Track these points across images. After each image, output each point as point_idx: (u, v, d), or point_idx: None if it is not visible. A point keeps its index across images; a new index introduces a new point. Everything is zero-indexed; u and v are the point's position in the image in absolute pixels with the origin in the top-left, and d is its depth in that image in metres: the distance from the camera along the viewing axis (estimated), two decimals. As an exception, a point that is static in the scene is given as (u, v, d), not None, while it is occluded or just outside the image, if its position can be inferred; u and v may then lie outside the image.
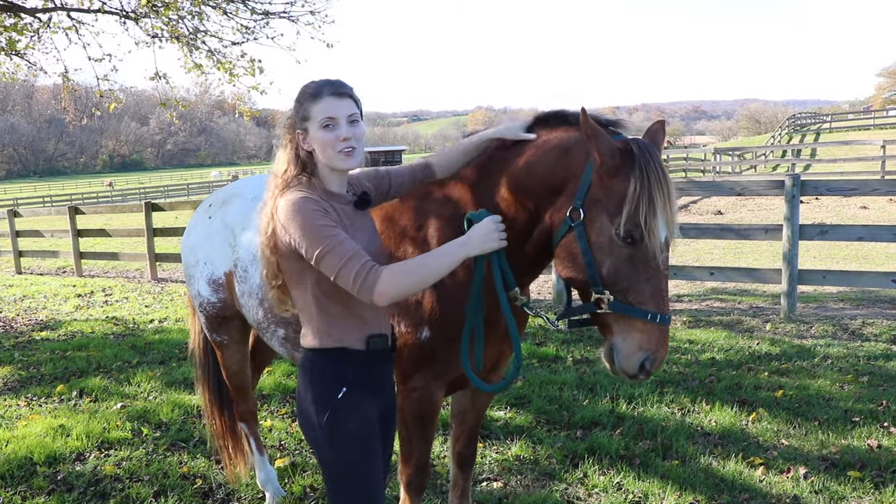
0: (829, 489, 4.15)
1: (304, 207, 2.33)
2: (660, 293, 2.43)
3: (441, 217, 2.94)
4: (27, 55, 11.21)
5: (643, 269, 2.43)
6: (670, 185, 2.43)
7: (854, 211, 19.06)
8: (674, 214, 2.45)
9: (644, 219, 2.38)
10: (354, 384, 2.45)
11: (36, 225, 23.52)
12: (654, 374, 2.52)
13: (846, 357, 6.57)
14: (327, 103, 2.41)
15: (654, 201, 2.38)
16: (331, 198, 2.46)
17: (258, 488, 4.35)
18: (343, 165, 2.43)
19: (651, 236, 2.39)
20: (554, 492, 4.23)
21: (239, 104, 14.71)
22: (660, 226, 2.41)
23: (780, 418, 5.20)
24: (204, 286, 3.91)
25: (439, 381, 3.03)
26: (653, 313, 2.40)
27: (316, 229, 2.30)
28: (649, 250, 2.41)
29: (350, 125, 2.42)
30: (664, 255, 2.46)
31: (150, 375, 6.80)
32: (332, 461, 2.48)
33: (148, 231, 13.85)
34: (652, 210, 2.38)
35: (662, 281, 2.45)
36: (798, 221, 8.21)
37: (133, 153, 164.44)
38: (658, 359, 2.43)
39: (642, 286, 2.43)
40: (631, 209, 2.39)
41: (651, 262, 2.42)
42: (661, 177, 2.41)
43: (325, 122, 2.40)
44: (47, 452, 4.91)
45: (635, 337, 2.44)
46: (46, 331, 9.33)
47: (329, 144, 2.40)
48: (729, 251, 14.00)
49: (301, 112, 2.46)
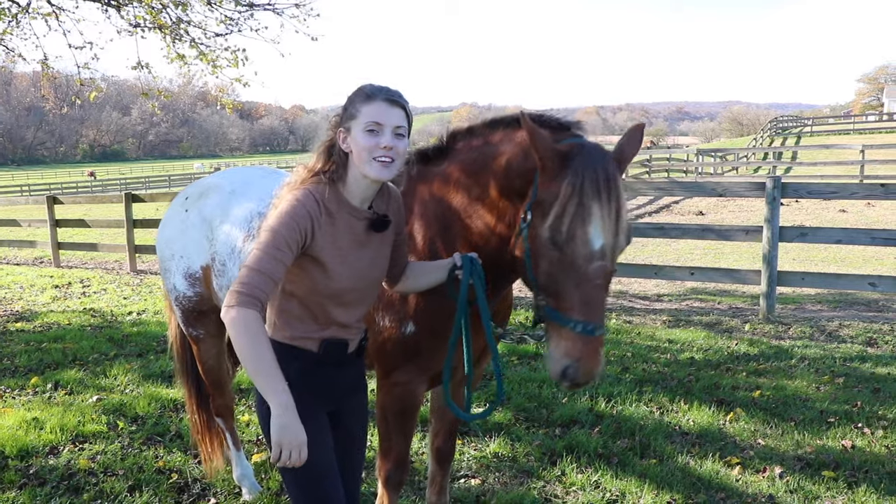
0: (803, 489, 4.18)
1: (295, 211, 2.31)
2: (589, 303, 2.32)
3: (425, 217, 2.94)
4: (5, 41, 11.05)
5: (572, 276, 2.33)
6: (612, 192, 2.31)
7: (833, 214, 19.23)
8: (614, 222, 2.31)
9: (569, 224, 2.30)
10: (296, 383, 2.38)
11: (13, 214, 23.22)
12: (589, 384, 2.37)
13: (823, 358, 6.63)
14: (378, 107, 2.35)
15: (585, 206, 2.29)
16: (344, 209, 2.42)
17: (234, 483, 4.32)
18: (375, 174, 2.35)
19: (576, 242, 2.30)
20: (531, 489, 4.23)
21: (222, 96, 14.60)
22: (591, 232, 2.30)
23: (757, 418, 5.23)
24: (180, 280, 3.87)
25: (423, 376, 3.02)
26: (576, 322, 2.31)
27: (274, 232, 2.28)
28: (577, 257, 2.31)
29: (395, 136, 2.35)
30: (599, 264, 2.31)
31: (128, 368, 6.73)
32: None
33: (128, 222, 13.73)
34: (581, 215, 2.29)
35: (593, 290, 2.33)
36: (778, 223, 8.28)
37: (114, 143, 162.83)
38: (584, 369, 2.32)
39: (571, 294, 2.34)
40: (558, 212, 2.32)
41: (580, 270, 2.31)
42: (598, 182, 2.30)
43: (370, 125, 2.33)
44: (20, 446, 4.84)
45: (562, 345, 2.36)
46: (22, 322, 9.21)
47: (367, 149, 2.33)
48: (710, 252, 14.08)
49: (350, 110, 2.39)
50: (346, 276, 2.41)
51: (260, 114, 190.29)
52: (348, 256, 2.41)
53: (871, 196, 8.97)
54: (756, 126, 75.71)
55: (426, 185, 2.98)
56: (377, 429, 3.21)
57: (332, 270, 2.38)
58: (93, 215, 23.18)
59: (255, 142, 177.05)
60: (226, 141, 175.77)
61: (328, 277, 2.38)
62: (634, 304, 9.69)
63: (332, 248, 2.38)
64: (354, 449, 2.70)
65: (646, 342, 7.33)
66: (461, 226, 2.84)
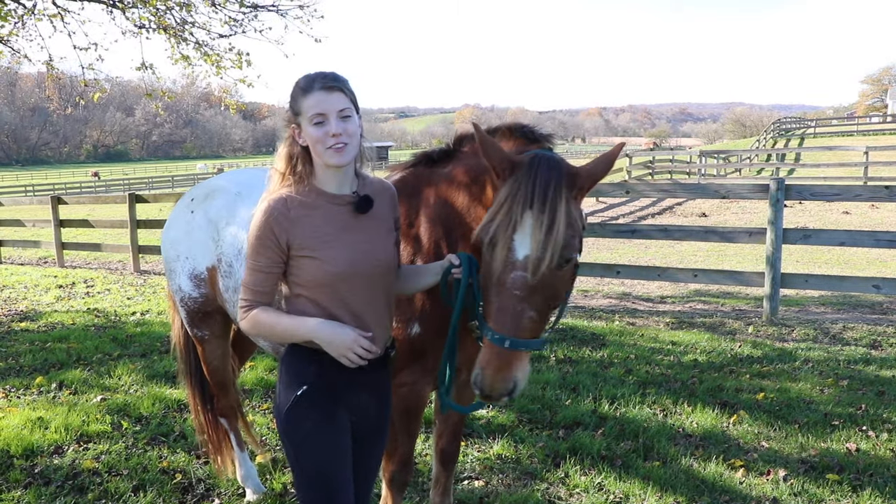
0: (807, 492, 4.18)
1: (262, 220, 2.39)
2: (503, 312, 2.27)
3: (431, 218, 2.95)
4: (11, 42, 11.08)
5: (493, 282, 2.32)
6: (546, 204, 2.25)
7: (837, 216, 19.20)
8: (543, 234, 2.23)
9: (495, 229, 2.29)
10: (316, 385, 2.43)
11: (17, 214, 23.24)
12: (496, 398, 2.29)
13: (827, 361, 6.62)
14: (316, 98, 2.36)
15: (514, 213, 2.27)
16: (322, 198, 2.44)
17: (238, 484, 4.32)
18: (334, 162, 2.38)
19: (498, 248, 2.29)
20: (535, 491, 4.23)
21: (225, 97, 14.64)
22: (515, 240, 2.26)
23: (760, 421, 5.23)
24: (185, 281, 3.88)
25: (428, 377, 3.03)
26: (488, 329, 2.29)
27: (253, 246, 2.41)
28: (497, 263, 2.30)
29: (341, 120, 2.36)
30: (519, 275, 2.25)
31: (132, 368, 6.74)
32: (291, 457, 2.51)
33: (132, 223, 13.76)
34: (506, 222, 2.28)
35: (510, 300, 2.27)
36: (782, 225, 8.27)
37: (118, 144, 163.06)
38: (487, 380, 2.27)
39: (491, 300, 2.33)
40: (489, 217, 2.33)
41: (499, 277, 2.29)
42: (533, 192, 2.26)
43: (314, 117, 2.36)
44: (25, 445, 4.85)
45: (481, 351, 2.34)
46: (26, 322, 9.23)
47: (319, 141, 2.36)
48: (713, 253, 14.07)
49: (294, 107, 2.42)
50: (342, 259, 2.40)
51: (263, 114, 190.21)
52: (338, 241, 2.41)
53: (875, 198, 8.94)
54: (759, 127, 75.61)
55: (432, 187, 3.00)
56: None
57: (323, 256, 2.39)
58: (96, 215, 23.24)
59: (258, 142, 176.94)
60: (229, 141, 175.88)
61: (324, 263, 2.38)
62: (638, 305, 9.69)
63: (316, 238, 2.39)
64: (369, 456, 2.67)
65: (649, 344, 7.33)
66: (464, 228, 2.85)
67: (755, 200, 13.86)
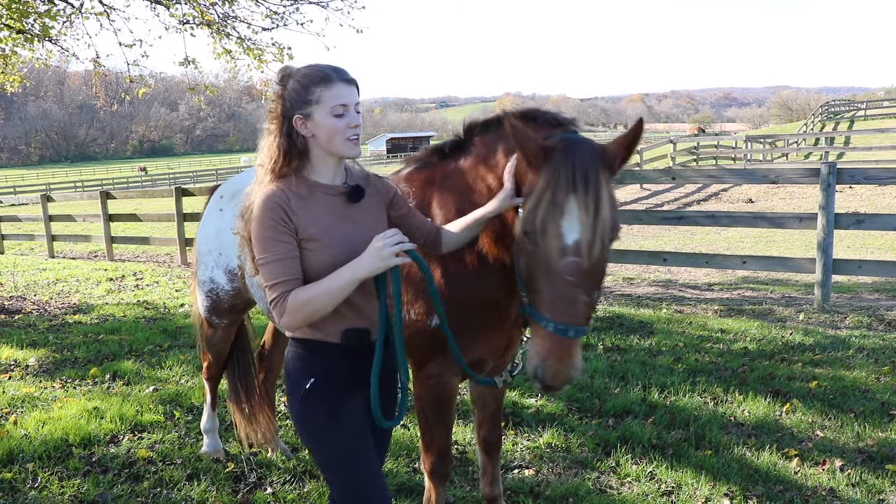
0: (866, 482, 4.08)
1: (266, 211, 2.34)
2: (560, 301, 2.24)
3: (446, 209, 2.98)
4: (60, 41, 11.31)
5: (544, 271, 2.27)
6: (589, 186, 2.24)
7: (889, 200, 18.69)
8: (591, 217, 2.22)
9: (542, 217, 2.26)
10: (323, 376, 2.42)
11: (68, 209, 23.79)
12: (559, 388, 2.30)
13: (882, 349, 6.45)
14: (340, 89, 2.38)
15: (559, 199, 2.24)
16: (317, 189, 2.45)
17: (291, 473, 4.38)
18: (350, 153, 2.43)
19: (548, 236, 2.25)
20: (586, 480, 4.20)
21: (266, 90, 14.74)
22: (564, 226, 2.23)
23: (814, 409, 5.12)
24: (220, 274, 4.08)
25: (454, 368, 3.02)
26: (547, 320, 2.25)
27: (264, 240, 2.34)
28: (549, 251, 2.25)
29: (357, 114, 2.43)
30: (572, 260, 2.22)
31: (182, 359, 6.87)
32: (314, 452, 2.53)
33: (178, 216, 14.00)
34: (552, 209, 2.24)
35: (565, 287, 2.24)
36: (833, 210, 8.07)
37: (163, 139, 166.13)
38: (550, 370, 2.25)
39: (543, 290, 2.28)
40: (532, 205, 2.30)
41: (551, 266, 2.25)
42: (574, 175, 2.25)
43: (336, 108, 2.37)
44: (82, 434, 4.97)
45: (535, 343, 2.30)
46: (79, 314, 9.46)
47: (339, 132, 2.38)
48: (760, 239, 13.82)
49: (306, 96, 2.39)
50: (342, 247, 2.39)
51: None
52: (336, 230, 2.41)
53: (932, 181, 8.66)
54: (806, 111, 73.96)
55: (445, 178, 3.03)
56: (418, 422, 3.23)
57: (323, 239, 2.38)
58: (144, 209, 23.67)
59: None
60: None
61: (324, 245, 2.37)
62: (685, 293, 9.56)
63: (318, 226, 2.39)
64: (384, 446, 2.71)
65: (697, 332, 7.22)
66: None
67: (803, 185, 13.59)
